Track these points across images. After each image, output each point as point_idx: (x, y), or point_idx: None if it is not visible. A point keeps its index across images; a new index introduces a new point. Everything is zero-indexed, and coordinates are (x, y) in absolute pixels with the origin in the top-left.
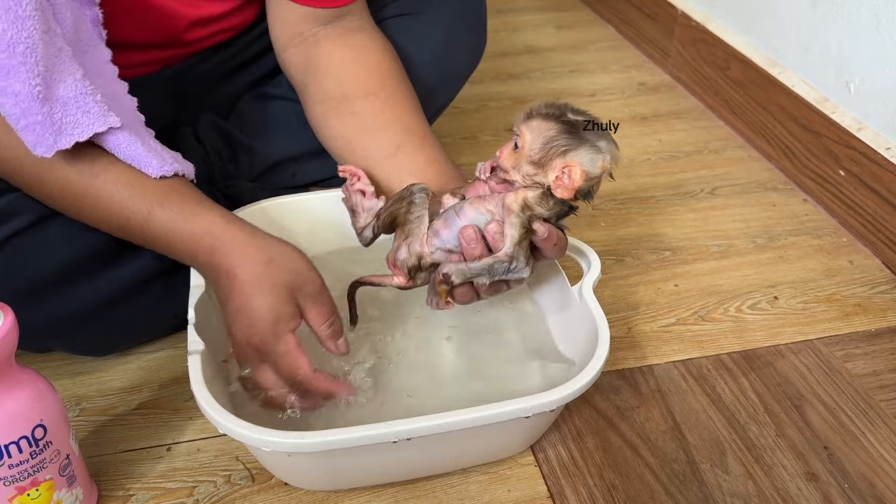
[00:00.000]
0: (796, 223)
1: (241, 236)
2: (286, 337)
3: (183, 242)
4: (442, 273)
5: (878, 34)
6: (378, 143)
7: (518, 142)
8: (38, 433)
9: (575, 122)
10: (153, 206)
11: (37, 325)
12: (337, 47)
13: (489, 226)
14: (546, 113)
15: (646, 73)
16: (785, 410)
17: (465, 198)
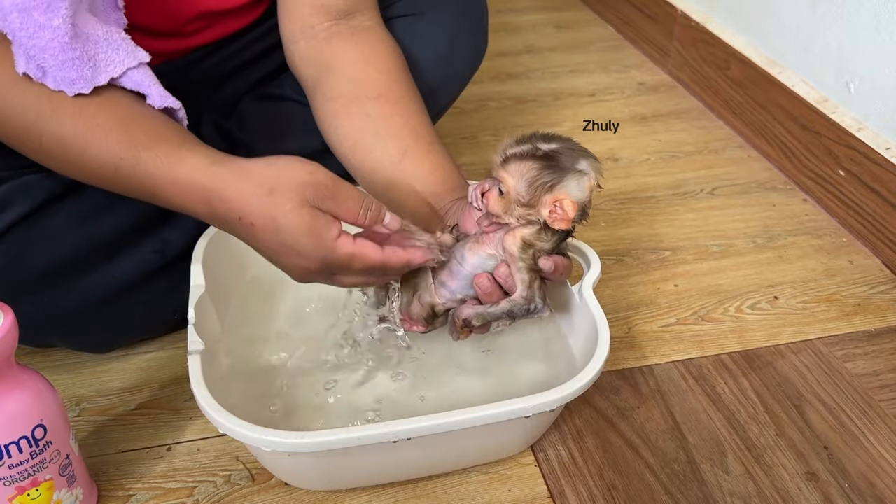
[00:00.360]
0: (796, 223)
1: (231, 179)
2: (335, 245)
3: (172, 191)
4: (462, 318)
5: (877, 34)
6: (385, 148)
7: (501, 188)
8: (38, 433)
9: (550, 153)
10: (140, 152)
11: (36, 318)
12: (349, 46)
13: (498, 270)
14: (520, 153)
15: (646, 73)
16: (785, 410)
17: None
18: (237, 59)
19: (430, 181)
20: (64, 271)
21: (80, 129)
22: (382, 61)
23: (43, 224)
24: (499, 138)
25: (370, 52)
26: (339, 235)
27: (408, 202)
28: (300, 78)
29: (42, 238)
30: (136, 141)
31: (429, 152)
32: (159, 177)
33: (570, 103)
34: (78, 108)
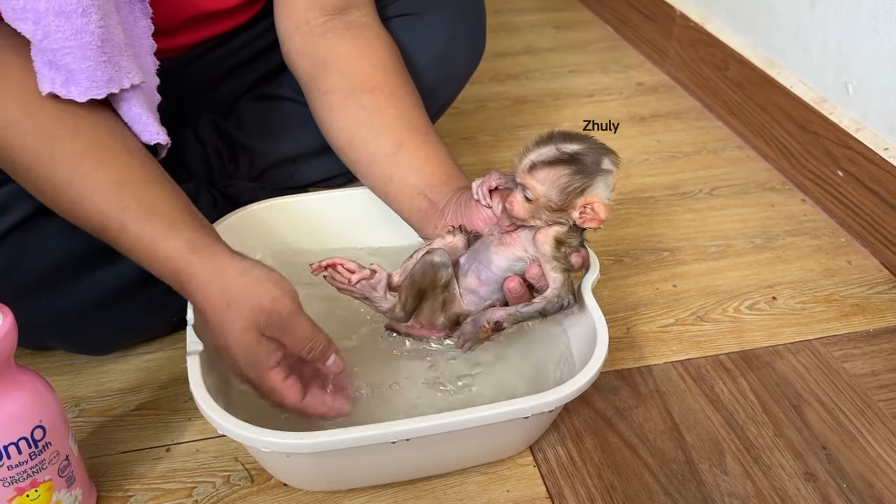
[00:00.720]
0: (795, 223)
1: (202, 273)
2: (267, 376)
3: (149, 263)
4: (493, 321)
5: (876, 34)
6: (381, 141)
7: (528, 194)
8: (38, 434)
9: (576, 155)
10: (126, 221)
11: (34, 321)
12: (344, 41)
13: (531, 271)
14: (548, 159)
15: (644, 74)
16: (783, 410)
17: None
18: (235, 58)
19: (426, 172)
20: (63, 273)
21: (74, 181)
22: (377, 55)
23: (42, 227)
24: (498, 139)
25: (365, 46)
26: (275, 367)
27: (404, 195)
28: (296, 74)
29: (41, 241)
30: (127, 209)
31: (424, 143)
32: (141, 249)
33: (569, 104)
34: (76, 160)
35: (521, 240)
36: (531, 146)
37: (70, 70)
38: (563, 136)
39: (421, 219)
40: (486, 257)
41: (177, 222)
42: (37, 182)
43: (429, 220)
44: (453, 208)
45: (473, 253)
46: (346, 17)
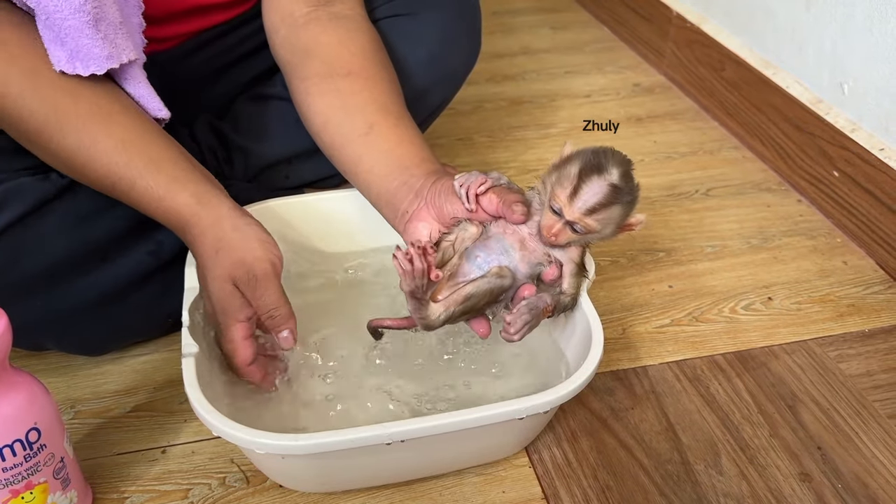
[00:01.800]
0: (790, 224)
1: (204, 222)
2: (233, 326)
3: (158, 216)
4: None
5: (871, 35)
6: (353, 123)
7: (578, 227)
8: (32, 436)
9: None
10: (136, 178)
11: (29, 321)
12: (325, 31)
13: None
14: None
15: (641, 74)
16: (779, 411)
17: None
18: (228, 55)
19: (397, 154)
20: (58, 273)
21: (83, 144)
22: (356, 43)
23: (37, 226)
24: (494, 139)
25: (345, 35)
26: (243, 321)
27: (374, 175)
28: (281, 65)
29: (36, 240)
30: (134, 166)
31: (396, 126)
32: (150, 202)
33: (566, 104)
34: (81, 124)
35: (543, 247)
36: (575, 181)
37: (73, 46)
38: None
39: (389, 200)
40: (508, 259)
41: (182, 176)
42: (49, 147)
43: (398, 201)
44: (431, 195)
45: (488, 250)
46: (330, 9)
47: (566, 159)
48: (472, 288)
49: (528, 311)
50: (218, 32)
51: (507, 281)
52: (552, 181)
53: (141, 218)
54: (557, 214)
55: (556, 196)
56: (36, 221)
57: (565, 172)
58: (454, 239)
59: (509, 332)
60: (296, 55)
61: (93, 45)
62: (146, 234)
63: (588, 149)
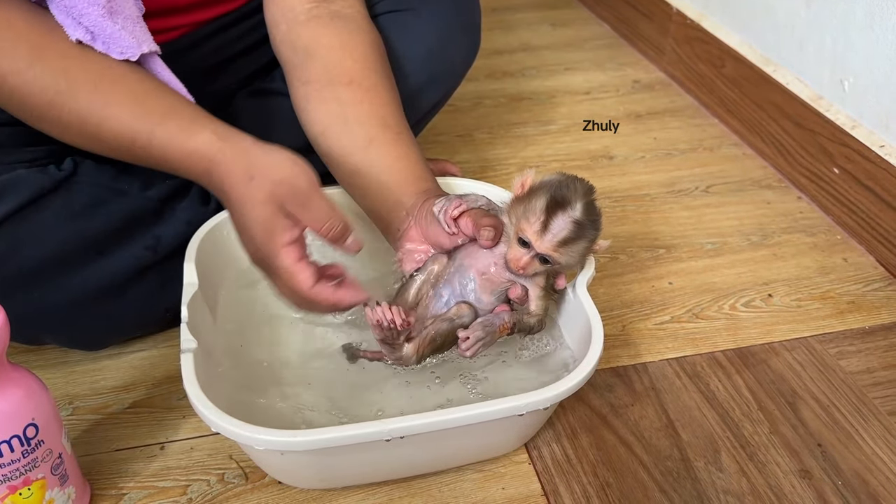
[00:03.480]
0: (790, 221)
1: (230, 155)
2: (283, 252)
3: (182, 163)
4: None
5: (872, 32)
6: (353, 135)
7: (551, 259)
8: (30, 432)
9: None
10: (154, 127)
11: (27, 315)
12: (327, 32)
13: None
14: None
15: (641, 71)
16: (779, 408)
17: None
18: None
19: (395, 170)
20: (55, 267)
21: (96, 105)
22: (358, 49)
23: (33, 219)
24: (494, 136)
25: (347, 38)
26: (290, 244)
27: (370, 191)
28: (281, 62)
29: (32, 233)
30: (150, 116)
31: (395, 142)
32: (172, 150)
33: (566, 101)
34: (92, 86)
35: (507, 274)
36: (543, 216)
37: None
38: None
39: (383, 216)
40: (470, 292)
41: (199, 118)
42: (61, 116)
43: (391, 218)
44: (419, 216)
45: (450, 284)
46: (331, 6)
47: (530, 192)
48: (433, 330)
49: (481, 329)
50: (219, 26)
51: (465, 319)
52: (518, 214)
53: (137, 212)
54: (525, 247)
55: (524, 230)
56: (32, 215)
57: (531, 206)
58: (426, 277)
59: (461, 347)
60: (297, 55)
61: (114, 34)
62: (143, 229)
63: (551, 180)
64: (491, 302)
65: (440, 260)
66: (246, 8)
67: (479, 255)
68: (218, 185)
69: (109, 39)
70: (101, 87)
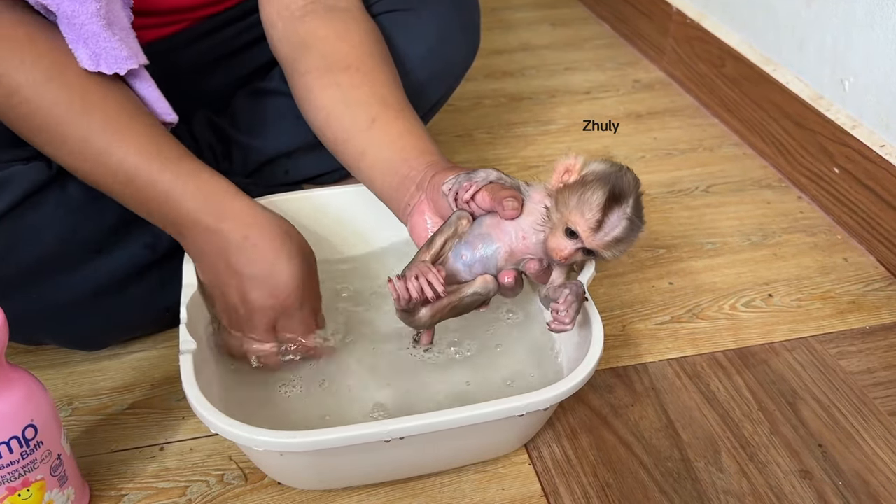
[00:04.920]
0: (791, 221)
1: (250, 208)
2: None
3: (187, 206)
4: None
5: (872, 32)
6: (355, 117)
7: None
8: (29, 433)
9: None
10: (164, 167)
11: (25, 314)
12: (323, 24)
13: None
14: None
15: (641, 71)
16: (779, 408)
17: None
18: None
19: (400, 146)
20: (53, 266)
21: (108, 130)
22: (354, 37)
23: (30, 217)
24: (494, 136)
25: (343, 29)
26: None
27: (377, 170)
28: (279, 59)
29: (29, 232)
30: (166, 154)
31: (397, 118)
32: (181, 187)
33: (566, 101)
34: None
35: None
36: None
37: (95, 48)
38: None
39: (393, 193)
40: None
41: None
42: (65, 134)
43: (401, 194)
44: (430, 189)
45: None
46: (327, 2)
47: (584, 182)
48: (455, 300)
49: (576, 300)
50: (216, 23)
51: (491, 293)
52: (570, 203)
53: None
54: (572, 238)
55: (576, 222)
56: (28, 212)
57: (586, 199)
58: (453, 231)
59: (564, 322)
60: (294, 49)
61: (111, 46)
62: (141, 228)
63: (607, 173)
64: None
65: (466, 217)
66: (243, 7)
67: (506, 228)
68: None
69: (106, 52)
70: (120, 119)
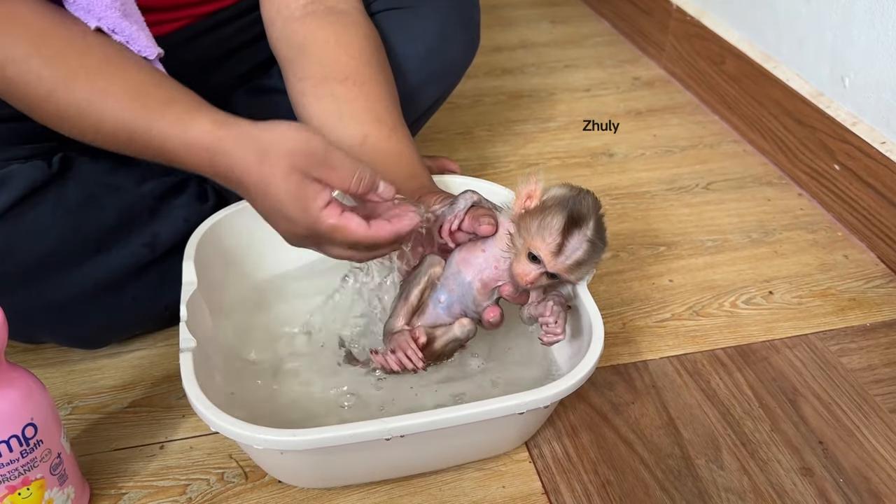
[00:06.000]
0: (791, 218)
1: (233, 144)
2: (323, 214)
3: (182, 155)
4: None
5: (872, 28)
6: (347, 131)
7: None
8: (29, 432)
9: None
10: (152, 119)
11: (24, 313)
12: (322, 27)
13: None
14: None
15: (640, 68)
16: (780, 405)
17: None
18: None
19: (388, 166)
20: (52, 264)
21: (95, 96)
22: (354, 45)
23: (28, 216)
24: (493, 133)
25: (342, 34)
26: (327, 205)
27: None
28: (278, 59)
29: (28, 230)
30: (148, 108)
31: (389, 139)
32: (171, 140)
33: (565, 98)
34: (91, 77)
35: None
36: (559, 238)
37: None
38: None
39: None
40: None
41: (196, 106)
42: (58, 108)
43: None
44: None
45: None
46: (327, 2)
47: (544, 208)
48: (441, 345)
49: (562, 309)
50: (216, 20)
51: (469, 335)
52: (531, 229)
53: (134, 209)
54: (535, 262)
55: (537, 247)
56: (27, 211)
57: (546, 224)
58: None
59: (556, 332)
60: (292, 50)
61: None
62: (140, 226)
63: (566, 196)
64: (486, 305)
65: (438, 262)
66: (243, 4)
67: (475, 260)
68: (225, 174)
69: (129, 38)
70: (99, 80)
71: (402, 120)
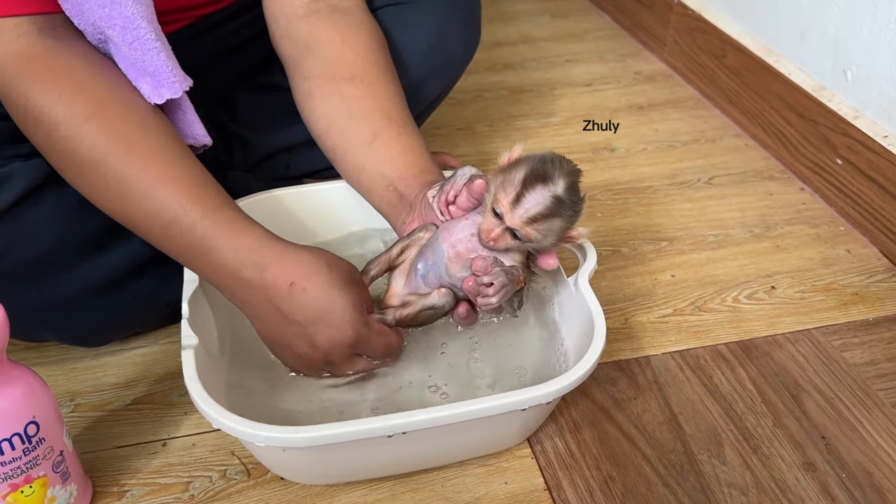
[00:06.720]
0: (793, 212)
1: (293, 251)
2: (371, 320)
3: (226, 253)
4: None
5: (875, 22)
6: (357, 130)
7: (521, 235)
8: (31, 430)
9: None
10: (207, 214)
11: (26, 311)
12: (327, 26)
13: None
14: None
15: (642, 62)
16: (782, 400)
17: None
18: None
19: (399, 164)
20: (53, 263)
21: (149, 174)
22: (359, 43)
23: (30, 214)
24: (494, 129)
25: (347, 32)
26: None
27: (376, 185)
28: (281, 57)
29: (29, 229)
30: (205, 203)
31: (399, 135)
32: (220, 237)
33: (566, 93)
34: (150, 157)
35: (477, 247)
36: (519, 188)
37: (153, 72)
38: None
39: (390, 210)
40: (441, 265)
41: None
42: (105, 177)
43: (398, 212)
44: (421, 207)
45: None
46: (330, 0)
47: (514, 163)
48: (414, 311)
49: (504, 275)
50: (218, 18)
51: (447, 306)
52: (497, 184)
53: None
54: (499, 218)
55: (499, 200)
56: (28, 209)
57: (510, 177)
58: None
59: (487, 293)
60: (297, 50)
61: (167, 70)
62: None
63: (536, 154)
64: (460, 277)
65: (430, 229)
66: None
67: (454, 229)
68: (272, 278)
69: (165, 77)
70: (158, 160)
71: (410, 117)
